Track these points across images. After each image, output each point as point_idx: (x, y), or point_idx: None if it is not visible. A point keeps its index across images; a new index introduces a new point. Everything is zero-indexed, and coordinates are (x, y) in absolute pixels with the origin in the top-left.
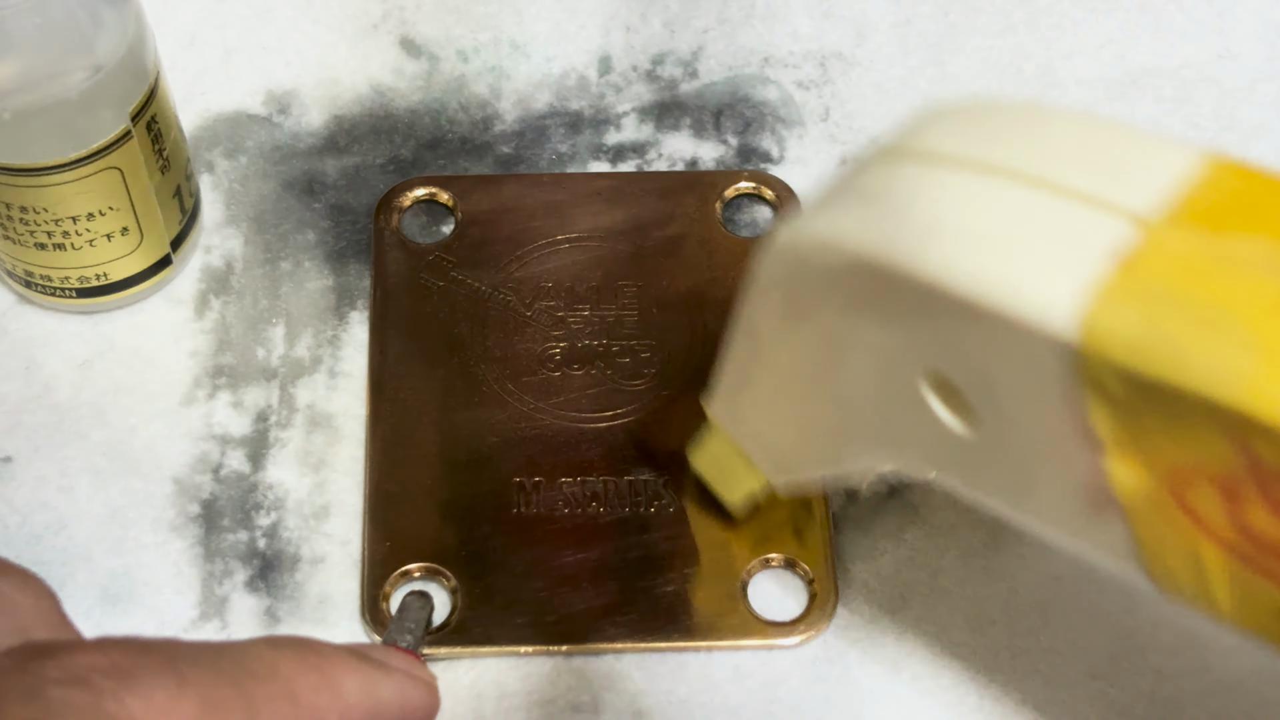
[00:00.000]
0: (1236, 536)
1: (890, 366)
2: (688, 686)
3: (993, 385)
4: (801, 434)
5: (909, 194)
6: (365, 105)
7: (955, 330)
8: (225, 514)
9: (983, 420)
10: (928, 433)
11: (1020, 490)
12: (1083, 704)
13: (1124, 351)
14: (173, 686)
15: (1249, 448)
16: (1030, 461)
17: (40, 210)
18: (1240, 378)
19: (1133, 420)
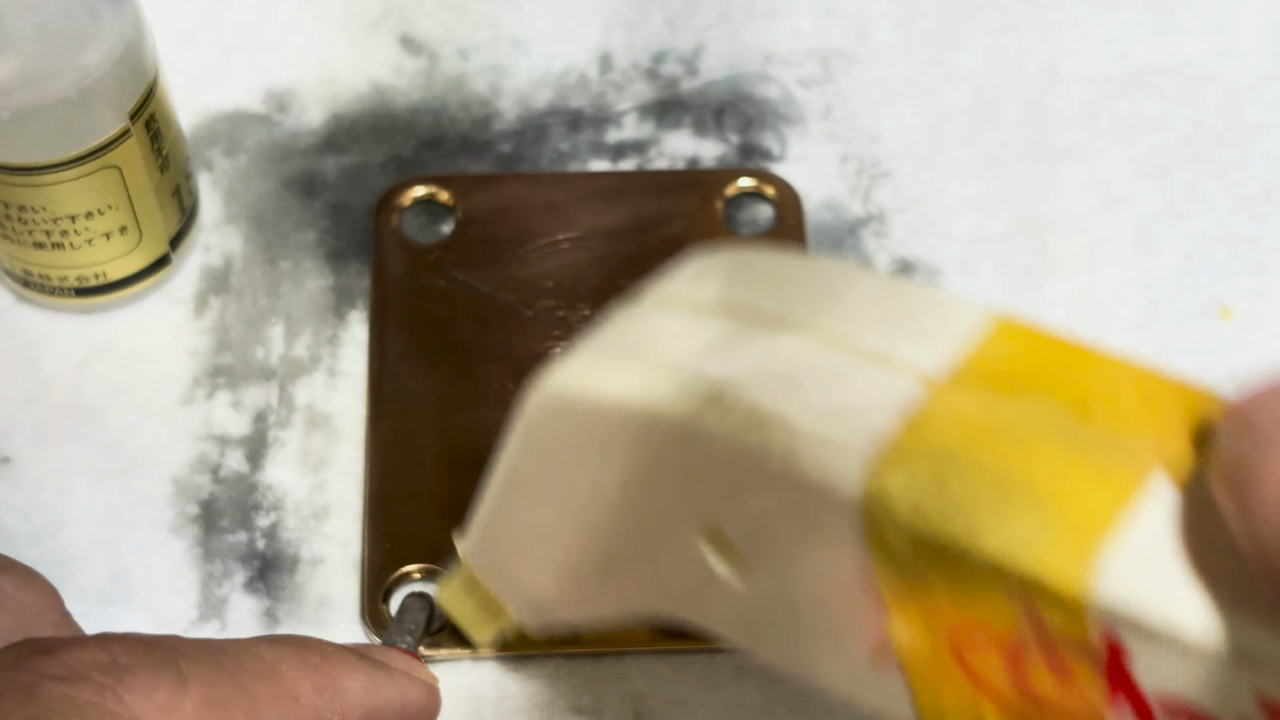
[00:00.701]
0: (1018, 698)
1: (660, 517)
2: (689, 687)
3: (771, 540)
4: (562, 581)
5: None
6: (365, 104)
7: (734, 485)
8: (224, 514)
9: (758, 574)
10: (699, 584)
11: (795, 644)
12: None
13: (910, 512)
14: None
15: (1033, 611)
16: (807, 616)
17: (38, 209)
18: (1025, 542)
19: (916, 581)
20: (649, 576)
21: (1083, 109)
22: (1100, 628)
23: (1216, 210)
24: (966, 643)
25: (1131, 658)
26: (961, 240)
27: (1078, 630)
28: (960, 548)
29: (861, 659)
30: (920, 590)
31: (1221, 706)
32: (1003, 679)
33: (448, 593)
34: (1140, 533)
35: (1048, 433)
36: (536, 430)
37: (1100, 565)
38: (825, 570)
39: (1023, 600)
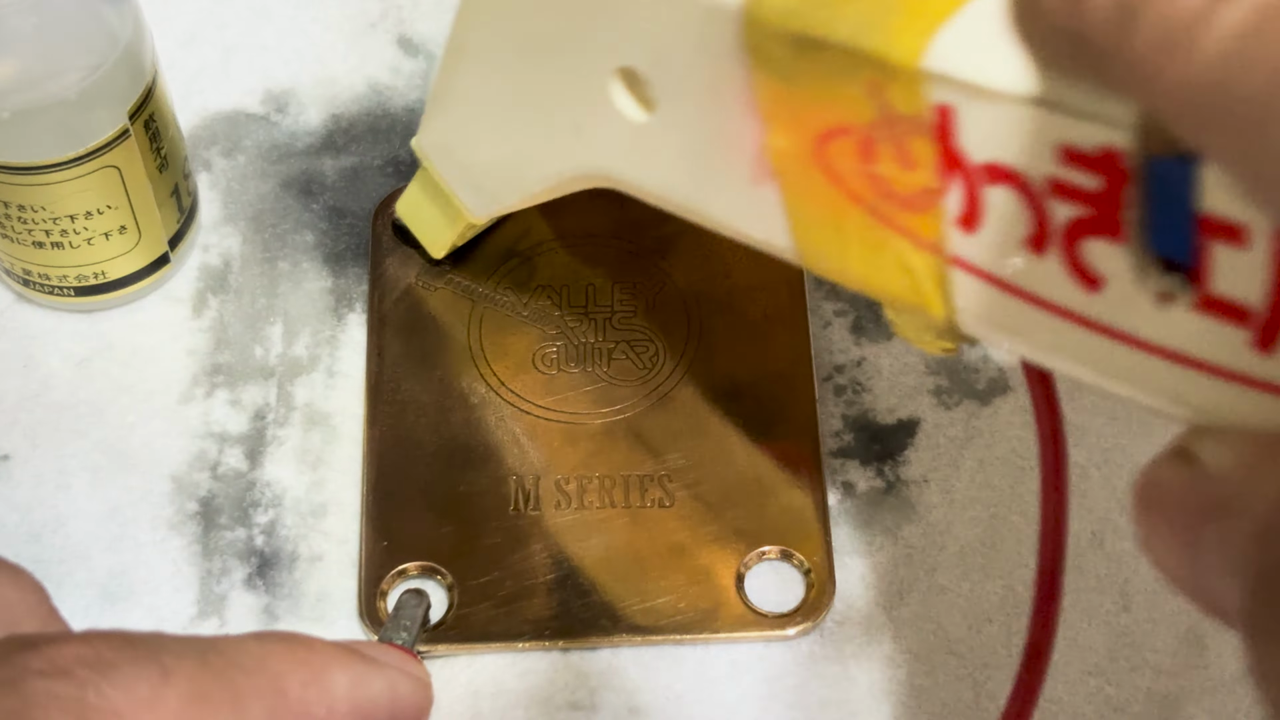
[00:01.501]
0: (871, 193)
1: (583, 65)
2: (684, 682)
3: (671, 69)
4: (503, 153)
5: None
6: (363, 104)
7: (641, 17)
8: (223, 511)
9: (661, 106)
10: (612, 127)
11: (691, 174)
12: (1080, 701)
13: (779, 13)
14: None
15: (882, 97)
16: (701, 141)
17: (38, 209)
18: (876, 28)
19: (788, 84)
20: (571, 135)
21: None
22: (935, 100)
23: None
24: (830, 143)
25: (959, 125)
26: None
27: (916, 107)
28: (822, 39)
29: (744, 180)
30: (791, 94)
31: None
32: (857, 173)
33: (406, 202)
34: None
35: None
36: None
37: (937, 40)
38: (716, 93)
39: (873, 86)
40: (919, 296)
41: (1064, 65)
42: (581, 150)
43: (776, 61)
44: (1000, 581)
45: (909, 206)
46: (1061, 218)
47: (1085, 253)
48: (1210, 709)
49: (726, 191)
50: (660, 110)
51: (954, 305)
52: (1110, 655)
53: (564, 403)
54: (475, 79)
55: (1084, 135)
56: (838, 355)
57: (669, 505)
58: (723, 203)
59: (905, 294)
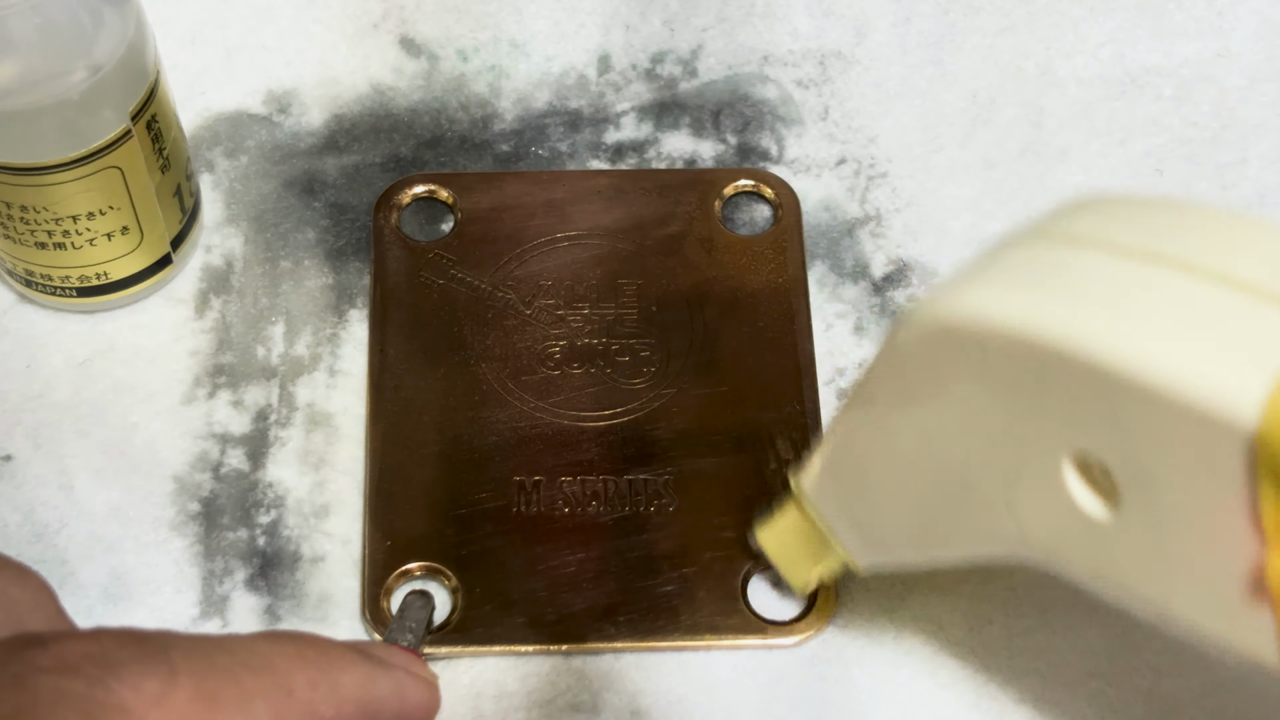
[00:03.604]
0: None
1: (1027, 446)
2: (686, 686)
3: (1149, 469)
4: (907, 516)
5: (1081, 276)
6: (365, 104)
7: (1117, 413)
8: (225, 512)
9: (1128, 504)
10: (1061, 517)
11: (1158, 578)
12: (1081, 702)
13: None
14: (165, 676)
15: None
16: (1176, 548)
17: (41, 209)
18: None
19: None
20: (1001, 513)
21: (1079, 110)
22: None
23: None
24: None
25: None
26: (958, 241)
27: None
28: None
29: (1229, 595)
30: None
31: None
32: None
33: (769, 532)
34: None
35: None
36: (910, 354)
37: None
38: (1204, 502)
39: None
40: None
41: None
42: (1012, 530)
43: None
44: (1001, 583)
45: None
46: None
47: None
48: (1211, 711)
49: (1202, 601)
50: (1126, 507)
51: None
52: (1110, 657)
53: (567, 403)
54: (887, 437)
55: None
56: (839, 358)
57: (672, 509)
58: (1195, 611)
59: None
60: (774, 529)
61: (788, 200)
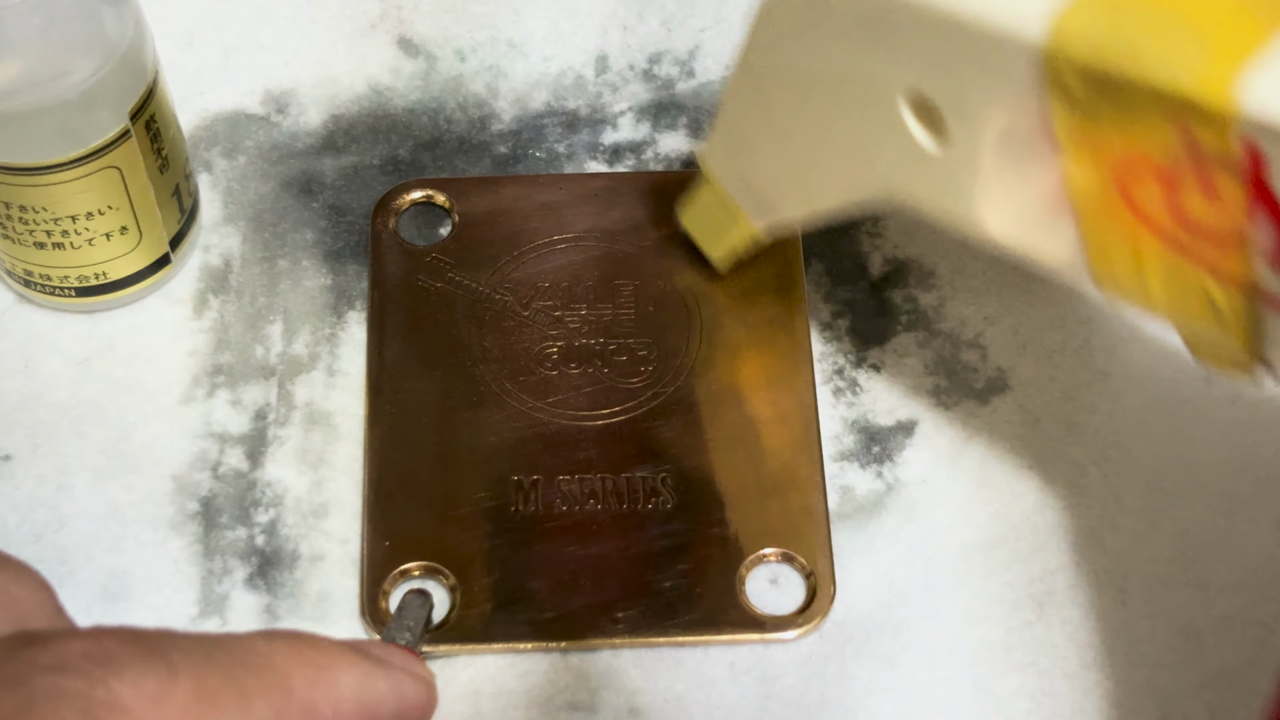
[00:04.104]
0: (1173, 226)
1: (873, 90)
2: (684, 683)
3: (965, 98)
4: (789, 169)
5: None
6: (363, 105)
7: (936, 47)
8: (224, 511)
9: (953, 135)
10: (902, 153)
11: (982, 200)
12: (1078, 695)
13: (1087, 51)
14: (164, 675)
15: (1187, 132)
16: (993, 171)
17: (39, 209)
18: (1187, 69)
19: (1089, 119)
20: (859, 154)
21: None
22: (1244, 139)
23: None
24: (1130, 175)
25: (1271, 168)
26: (955, 240)
27: (1224, 144)
28: (1128, 79)
29: (1039, 209)
30: (1091, 128)
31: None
32: (1160, 207)
33: (687, 210)
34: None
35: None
36: (771, 15)
37: (1246, 81)
38: (1011, 123)
39: (1178, 123)
40: (1225, 331)
41: None
42: (871, 172)
43: (1077, 96)
44: (999, 579)
45: (1215, 242)
46: None
47: None
48: (1208, 702)
49: (1018, 219)
50: (951, 136)
51: (1263, 341)
52: (1108, 649)
53: (564, 403)
54: (764, 99)
55: None
56: (837, 357)
57: (670, 507)
58: (1016, 228)
59: (1209, 327)
60: (690, 206)
61: None
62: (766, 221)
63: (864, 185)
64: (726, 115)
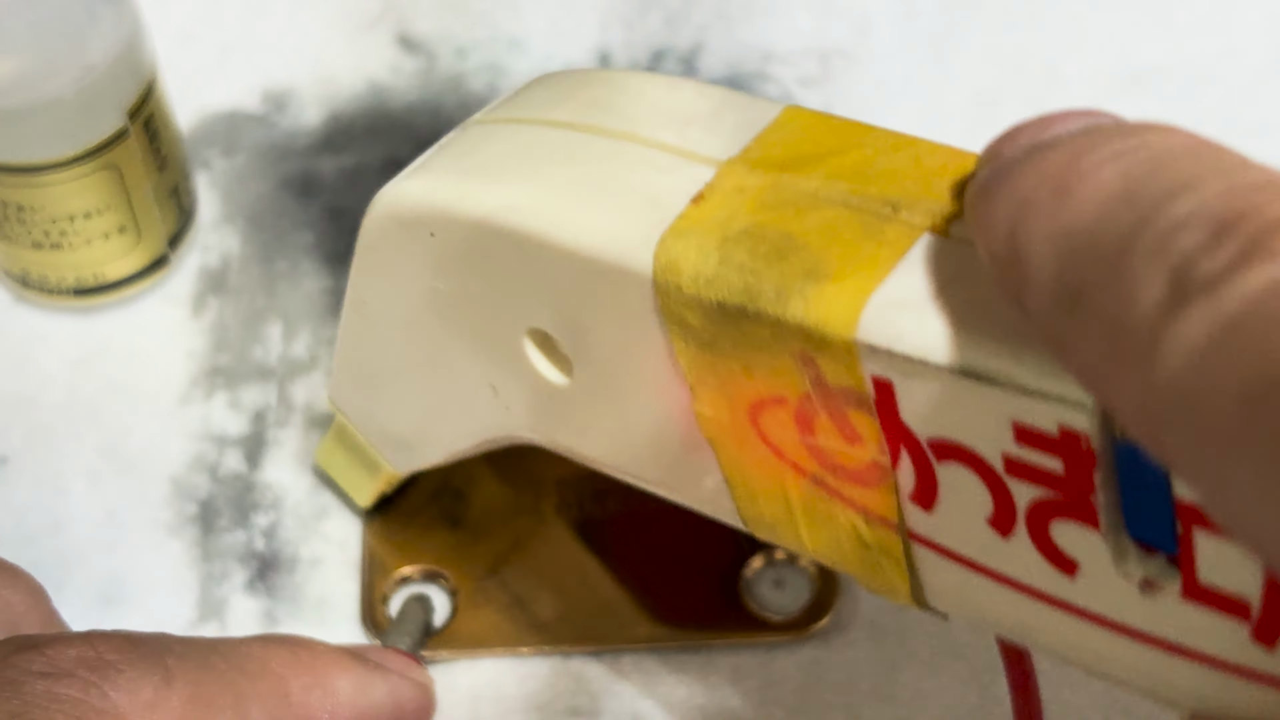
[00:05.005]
0: (813, 464)
1: (490, 324)
2: (687, 687)
3: (587, 332)
4: (417, 410)
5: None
6: (362, 103)
7: (550, 280)
8: (223, 513)
9: (578, 370)
10: (531, 392)
11: (621, 440)
12: (1085, 703)
13: (695, 280)
14: (160, 681)
15: (814, 369)
16: (624, 408)
17: (36, 209)
18: (801, 298)
19: (710, 352)
20: (488, 396)
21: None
22: (870, 373)
23: None
24: (763, 413)
25: (901, 401)
26: None
27: (853, 379)
28: (744, 311)
29: (673, 446)
30: (716, 363)
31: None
32: (797, 446)
33: (323, 452)
34: (905, 282)
35: (824, 200)
36: (374, 248)
37: (868, 309)
38: (636, 358)
39: (803, 358)
40: (879, 573)
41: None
42: (500, 412)
43: (696, 330)
44: None
45: (858, 480)
46: (1025, 498)
47: (1056, 535)
48: None
49: (659, 459)
50: (577, 374)
51: (920, 581)
52: None
53: None
54: (377, 336)
55: (1038, 414)
56: None
57: (672, 508)
58: (657, 470)
59: (864, 570)
60: (326, 447)
61: None
62: (407, 466)
63: (497, 425)
64: (344, 352)
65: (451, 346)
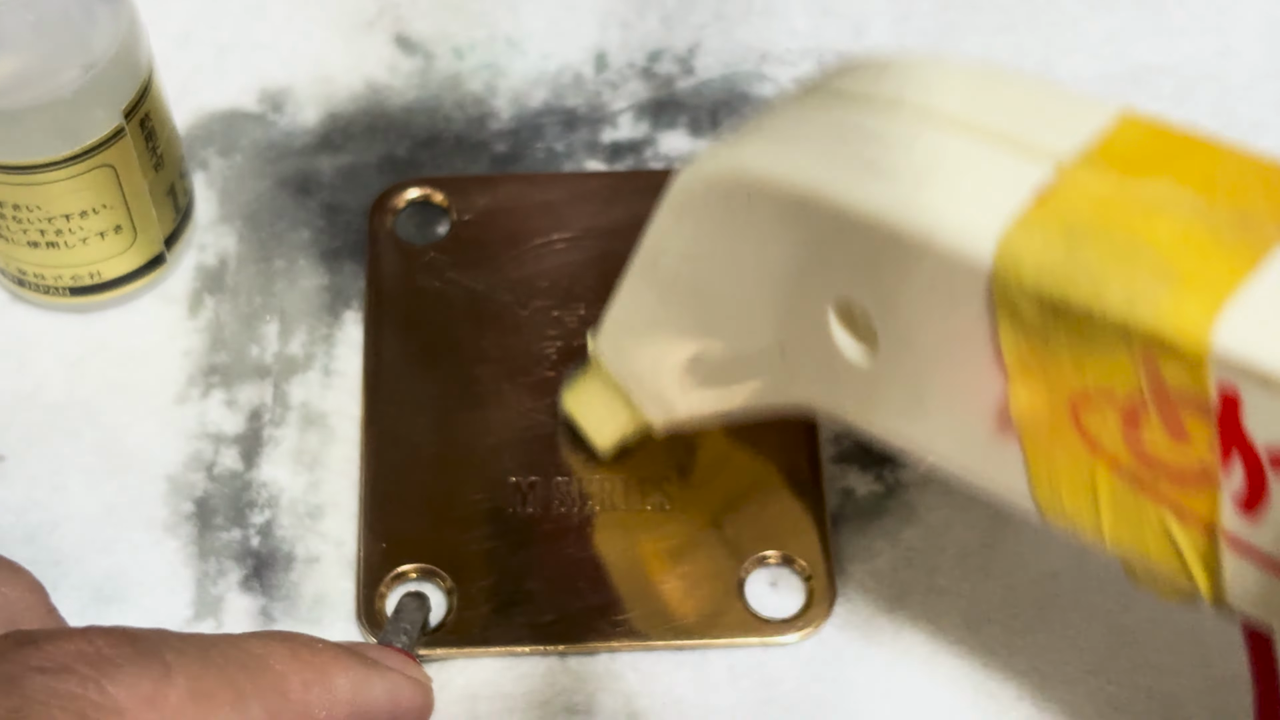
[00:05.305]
0: (1132, 459)
1: (797, 294)
2: (683, 686)
3: (902, 312)
4: (693, 369)
5: (837, 129)
6: (360, 103)
7: (874, 258)
8: (219, 512)
9: (885, 347)
10: (825, 362)
11: (916, 416)
12: (1081, 701)
13: (1039, 275)
14: (158, 676)
15: (1154, 369)
16: (930, 388)
17: (33, 208)
18: (1151, 301)
19: (1040, 344)
20: (774, 361)
21: None
22: (1217, 381)
23: None
24: (1085, 406)
25: (1246, 410)
26: None
27: (1196, 385)
28: (1087, 308)
29: (979, 430)
30: (1044, 355)
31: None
32: (1118, 441)
33: (572, 395)
34: (1261, 295)
35: (1174, 207)
36: (683, 207)
37: (1222, 320)
38: (952, 341)
39: (1144, 358)
40: (1183, 570)
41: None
42: (785, 378)
43: (1029, 320)
44: (1000, 582)
45: (1178, 480)
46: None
47: None
48: (1212, 708)
49: (956, 438)
50: (883, 350)
51: (1224, 583)
52: (1111, 654)
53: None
54: (667, 294)
55: None
56: None
57: (669, 509)
58: (950, 448)
59: (1166, 565)
60: (577, 391)
61: None
62: (665, 419)
63: (779, 392)
64: (624, 304)
65: (746, 307)
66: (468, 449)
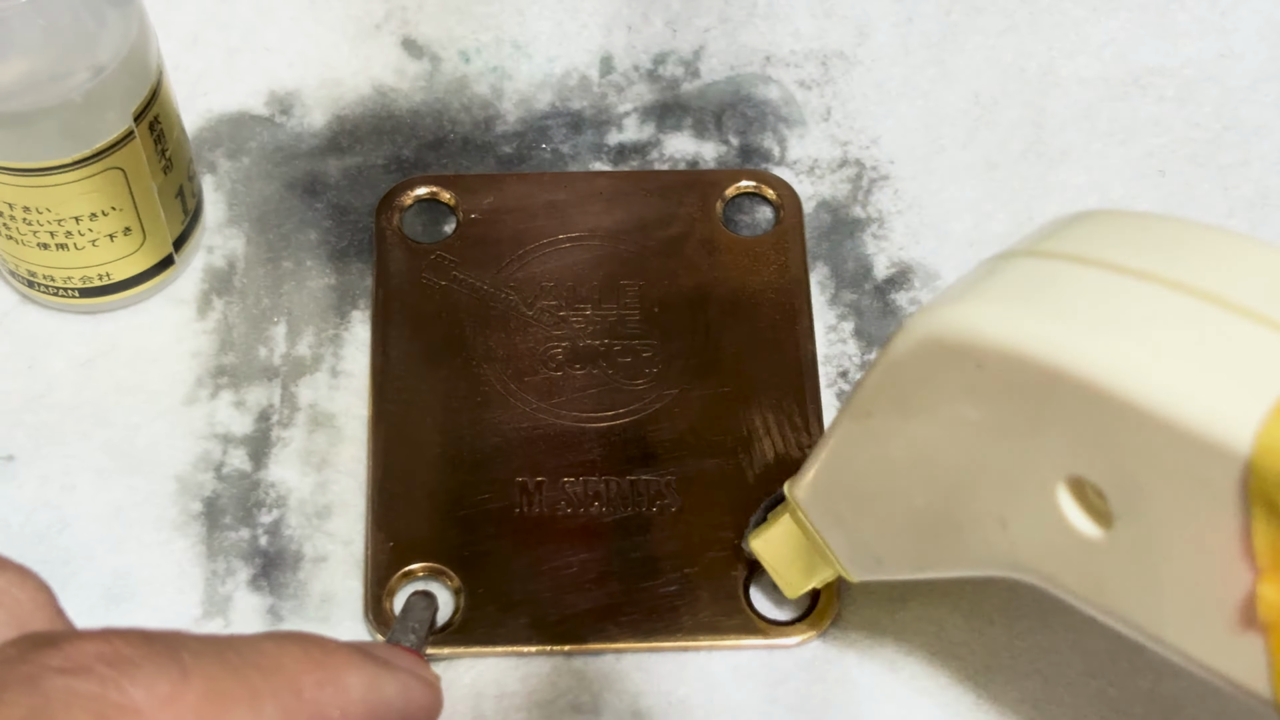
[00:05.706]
0: None
1: (1022, 464)
2: (688, 687)
3: (1143, 492)
4: (900, 531)
5: (1077, 294)
6: (367, 106)
7: (1113, 434)
8: (227, 512)
9: (1121, 526)
10: (1051, 536)
11: (1149, 602)
12: (1082, 703)
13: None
14: (176, 676)
15: None
16: (1168, 573)
17: (43, 210)
18: None
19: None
20: (994, 529)
21: (1081, 111)
22: None
23: (1214, 212)
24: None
25: None
26: (960, 242)
27: None
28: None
29: (1218, 622)
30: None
31: None
32: None
33: (762, 540)
34: None
35: None
36: (904, 366)
37: None
38: (1197, 530)
39: None
40: None
41: None
42: (1003, 546)
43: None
44: (1002, 584)
45: None
46: None
47: None
48: (1212, 710)
49: (1190, 627)
50: (1118, 529)
51: None
52: (1111, 656)
53: (569, 404)
54: (881, 451)
55: None
56: (843, 360)
57: (674, 509)
58: (1183, 637)
59: None
60: (767, 537)
61: (789, 201)
62: (866, 574)
63: (999, 562)
64: (832, 458)
65: (967, 475)
66: (474, 449)
